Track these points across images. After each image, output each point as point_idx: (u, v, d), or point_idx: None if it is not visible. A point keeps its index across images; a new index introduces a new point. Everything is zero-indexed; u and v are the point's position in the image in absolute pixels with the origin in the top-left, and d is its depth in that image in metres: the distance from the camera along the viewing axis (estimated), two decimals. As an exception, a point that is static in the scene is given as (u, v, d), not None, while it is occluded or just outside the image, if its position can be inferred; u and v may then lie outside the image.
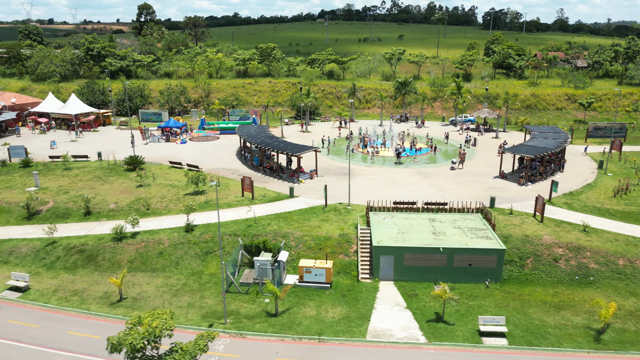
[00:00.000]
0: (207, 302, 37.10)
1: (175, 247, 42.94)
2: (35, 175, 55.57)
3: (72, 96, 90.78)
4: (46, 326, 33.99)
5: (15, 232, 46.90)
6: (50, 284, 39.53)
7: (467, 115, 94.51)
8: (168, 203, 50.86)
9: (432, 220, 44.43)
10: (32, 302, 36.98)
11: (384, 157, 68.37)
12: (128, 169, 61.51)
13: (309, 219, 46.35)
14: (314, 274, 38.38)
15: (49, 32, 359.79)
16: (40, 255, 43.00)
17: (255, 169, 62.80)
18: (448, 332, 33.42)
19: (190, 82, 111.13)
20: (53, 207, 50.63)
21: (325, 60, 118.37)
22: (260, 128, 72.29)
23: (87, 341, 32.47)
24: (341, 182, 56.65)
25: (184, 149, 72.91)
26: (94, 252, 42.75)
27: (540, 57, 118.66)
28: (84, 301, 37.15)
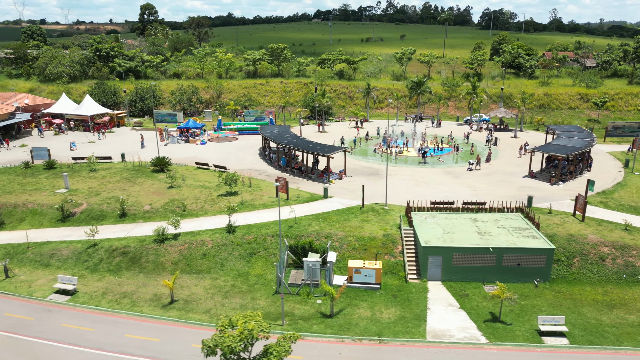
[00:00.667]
0: (259, 303, 36.89)
1: (218, 249, 42.68)
2: (65, 177, 55.11)
3: (87, 97, 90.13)
4: (102, 329, 33.64)
5: (51, 235, 46.46)
6: (97, 286, 39.16)
7: (482, 115, 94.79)
8: (203, 204, 50.56)
9: (474, 220, 44.43)
10: (83, 305, 36.63)
11: (406, 157, 68.32)
12: (155, 170, 61.10)
13: (348, 219, 46.22)
14: (363, 274, 38.27)
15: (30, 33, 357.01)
16: (82, 257, 42.60)
17: (282, 170, 62.58)
18: (507, 332, 33.40)
19: (201, 83, 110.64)
20: (87, 209, 50.20)
21: (336, 61, 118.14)
22: (283, 128, 72.08)
23: (145, 344, 32.18)
24: (370, 182, 56.63)
25: (205, 150, 72.55)
26: (137, 254, 42.39)
27: (550, 57, 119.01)
28: (135, 304, 36.81)
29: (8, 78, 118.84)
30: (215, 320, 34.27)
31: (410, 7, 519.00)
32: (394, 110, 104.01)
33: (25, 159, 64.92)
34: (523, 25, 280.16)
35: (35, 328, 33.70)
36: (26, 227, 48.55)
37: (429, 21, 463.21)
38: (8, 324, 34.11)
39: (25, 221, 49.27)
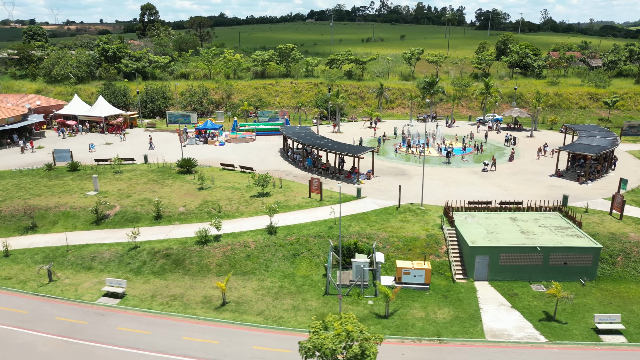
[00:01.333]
0: (311, 304, 36.82)
1: (262, 250, 42.54)
2: (95, 179, 54.67)
3: (100, 98, 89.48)
4: (158, 332, 33.42)
5: (88, 237, 46.06)
6: (144, 289, 38.88)
7: (494, 115, 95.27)
8: (238, 205, 50.37)
9: (514, 220, 44.65)
10: (134, 308, 36.37)
11: (426, 157, 68.44)
12: (180, 171, 60.79)
13: (387, 219, 46.26)
14: (412, 275, 38.32)
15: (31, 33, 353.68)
16: (124, 260, 42.28)
17: (308, 170, 62.48)
18: (564, 331, 33.59)
19: (210, 84, 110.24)
20: (120, 211, 49.83)
21: (345, 61, 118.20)
22: (305, 129, 72.01)
23: (205, 347, 32.02)
24: (399, 182, 56.66)
25: (226, 151, 72.25)
26: (180, 256, 42.16)
27: (556, 57, 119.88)
28: (187, 306, 36.60)
29: (12, 79, 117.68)
30: (270, 322, 34.32)
31: (403, 8, 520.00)
32: (406, 110, 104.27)
33: (44, 161, 64.37)
34: (520, 25, 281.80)
35: (90, 332, 33.40)
36: (60, 229, 48.10)
37: (423, 21, 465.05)
38: (61, 328, 33.78)
39: (59, 224, 48.80)
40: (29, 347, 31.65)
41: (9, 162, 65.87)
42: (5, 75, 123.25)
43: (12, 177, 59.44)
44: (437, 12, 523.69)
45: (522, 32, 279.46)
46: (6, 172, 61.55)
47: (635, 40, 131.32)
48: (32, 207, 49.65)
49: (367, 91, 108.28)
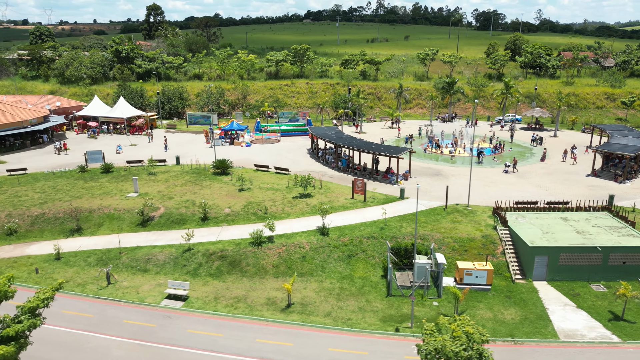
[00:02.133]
0: (376, 305, 36.76)
1: (316, 251, 42.44)
2: (135, 180, 54.39)
3: (121, 99, 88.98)
4: (231, 335, 33.26)
5: (137, 239, 45.75)
6: (205, 291, 38.68)
7: (513, 115, 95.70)
8: (283, 207, 50.22)
9: (566, 220, 44.81)
10: (200, 311, 36.17)
11: (457, 157, 68.63)
12: (216, 172, 60.57)
13: (438, 220, 46.29)
14: (474, 275, 38.35)
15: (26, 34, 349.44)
16: (179, 262, 42.04)
17: (343, 171, 62.40)
18: (635, 330, 33.74)
19: (225, 84, 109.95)
20: (165, 212, 49.56)
21: (360, 61, 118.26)
22: (333, 129, 72.01)
23: (281, 349, 31.90)
24: (436, 183, 57.01)
25: (254, 152, 72.03)
26: (236, 257, 41.98)
27: (570, 57, 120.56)
28: (252, 308, 36.45)
29: (24, 80, 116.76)
30: (340, 324, 34.26)
31: (400, 8, 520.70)
32: (423, 110, 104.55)
33: (72, 162, 64.16)
34: (520, 26, 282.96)
35: (162, 335, 33.17)
36: (106, 232, 47.77)
37: (421, 21, 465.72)
38: (132, 331, 33.52)
39: (104, 226, 48.47)
40: (103, 350, 31.39)
41: (38, 163, 65.45)
42: (16, 76, 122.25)
43: (47, 179, 58.98)
44: (434, 12, 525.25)
45: (523, 32, 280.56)
46: (39, 174, 61.07)
47: (631, 41, 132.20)
48: (76, 209, 49.08)
49: (383, 91, 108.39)
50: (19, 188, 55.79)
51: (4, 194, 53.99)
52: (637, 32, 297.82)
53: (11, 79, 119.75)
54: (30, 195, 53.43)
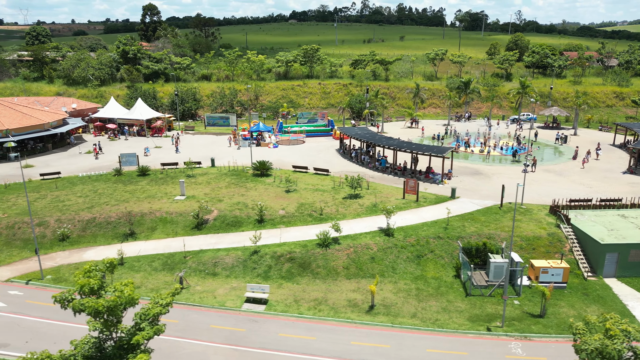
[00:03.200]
0: (459, 305, 36.74)
1: (384, 252, 42.28)
2: (182, 183, 53.56)
3: (139, 101, 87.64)
4: (324, 338, 32.99)
5: (198, 243, 45.02)
6: (282, 294, 38.25)
7: (529, 114, 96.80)
8: (337, 208, 49.95)
9: (624, 217, 45.39)
10: (285, 314, 35.76)
11: (490, 156, 69.09)
12: (255, 174, 60.03)
13: (498, 219, 46.50)
14: (550, 274, 38.60)
15: (3, 34, 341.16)
16: (248, 265, 41.50)
17: (382, 171, 62.32)
18: None
19: (239, 85, 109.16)
20: (219, 215, 48.90)
21: (370, 61, 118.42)
22: (363, 129, 71.93)
23: (378, 350, 31.75)
24: (480, 182, 57.39)
25: (284, 153, 71.50)
26: (305, 259, 41.59)
27: (575, 57, 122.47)
28: (336, 310, 36.15)
29: (26, 81, 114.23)
30: (429, 324, 34.11)
31: (385, 9, 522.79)
32: (437, 110, 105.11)
33: (101, 166, 63.04)
34: (510, 26, 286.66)
35: (254, 339, 32.69)
36: (160, 236, 46.96)
37: (407, 22, 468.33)
38: (223, 336, 32.98)
39: (158, 230, 47.63)
40: (201, 357, 30.81)
41: (68, 167, 64.29)
42: (18, 77, 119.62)
43: (84, 183, 57.80)
44: (418, 13, 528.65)
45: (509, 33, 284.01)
46: (74, 177, 59.87)
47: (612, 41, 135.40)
48: (129, 213, 48.14)
49: (397, 91, 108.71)
50: (58, 192, 54.54)
51: (45, 199, 52.72)
52: (617, 33, 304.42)
53: (13, 80, 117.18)
54: (74, 200, 52.23)
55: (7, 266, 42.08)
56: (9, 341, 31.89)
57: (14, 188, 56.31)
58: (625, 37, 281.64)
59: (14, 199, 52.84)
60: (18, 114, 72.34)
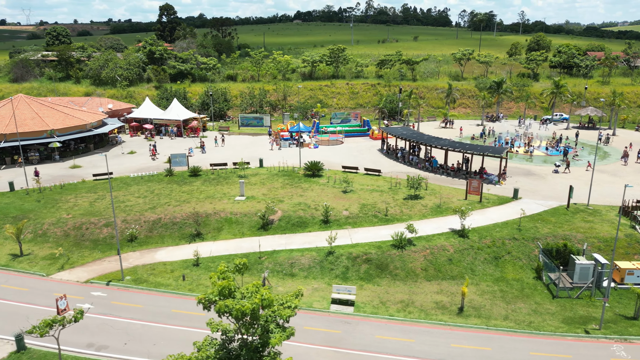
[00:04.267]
0: (549, 308, 36.48)
1: (461, 254, 42.00)
2: (242, 184, 53.27)
3: (175, 101, 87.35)
4: (422, 340, 32.75)
5: (268, 244, 44.64)
6: (365, 295, 37.99)
7: (561, 114, 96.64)
8: (400, 208, 49.69)
9: (697, 218, 45.08)
10: (376, 316, 35.50)
11: (536, 156, 68.85)
12: (307, 174, 59.78)
13: (569, 220, 46.26)
14: (636, 275, 38.29)
15: (7, 34, 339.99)
16: (325, 266, 41.20)
17: (433, 172, 62.02)
18: None
19: (268, 85, 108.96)
20: (284, 216, 48.61)
21: (397, 61, 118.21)
22: (408, 129, 71.73)
23: (480, 354, 31.47)
24: (536, 182, 57.30)
25: (327, 154, 71.09)
26: (382, 260, 41.29)
27: (602, 56, 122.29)
28: (427, 312, 35.88)
29: (51, 81, 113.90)
30: (524, 327, 33.82)
31: (389, 9, 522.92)
32: (467, 110, 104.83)
33: (146, 166, 62.84)
34: (521, 27, 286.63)
35: (352, 341, 32.42)
36: (227, 236, 46.67)
37: (413, 22, 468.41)
38: (320, 338, 32.71)
39: (224, 230, 47.33)
40: (304, 358, 30.48)
41: (116, 167, 63.80)
42: (43, 77, 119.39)
43: (138, 183, 57.54)
44: (423, 13, 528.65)
45: (523, 34, 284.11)
46: (126, 178, 59.60)
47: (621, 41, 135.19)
48: (197, 214, 47.86)
49: (426, 91, 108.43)
50: (116, 193, 54.23)
51: (104, 200, 52.44)
52: (624, 33, 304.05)
53: (39, 80, 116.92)
54: (134, 200, 51.94)
55: (82, 267, 41.72)
56: (107, 343, 31.58)
57: (69, 189, 56.04)
58: (634, 37, 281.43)
59: (73, 199, 52.54)
60: (61, 114, 72.07)
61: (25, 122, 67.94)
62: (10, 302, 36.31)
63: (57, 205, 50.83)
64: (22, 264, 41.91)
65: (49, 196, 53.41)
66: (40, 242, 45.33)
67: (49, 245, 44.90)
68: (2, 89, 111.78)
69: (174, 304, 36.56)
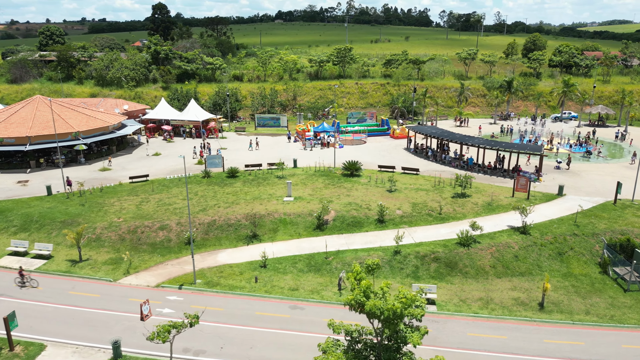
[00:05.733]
0: (624, 301, 37.20)
1: (526, 250, 42.50)
2: (289, 184, 52.95)
3: (192, 102, 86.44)
4: (514, 336, 33.04)
5: (330, 244, 44.39)
6: (442, 294, 38.12)
7: (570, 112, 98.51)
8: (453, 207, 50.02)
9: None
10: (460, 314, 35.69)
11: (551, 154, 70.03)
12: (344, 174, 59.78)
13: (622, 216, 47.28)
14: (701, 267, 39.23)
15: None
16: (394, 265, 41.25)
17: (469, 169, 62.54)
18: None
19: (279, 85, 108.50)
20: (338, 216, 48.49)
21: (403, 61, 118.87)
22: (434, 128, 72.20)
23: (575, 348, 31.91)
24: (573, 179, 58.37)
25: (355, 153, 70.88)
26: (450, 259, 41.51)
27: (601, 56, 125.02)
28: (509, 309, 36.24)
29: (52, 82, 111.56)
30: (607, 320, 34.44)
31: (370, 9, 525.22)
32: (476, 108, 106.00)
33: (176, 168, 62.19)
34: (505, 27, 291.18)
35: (446, 339, 32.57)
36: (284, 237, 46.37)
37: (395, 22, 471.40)
38: (413, 337, 32.57)
39: (280, 231, 47.00)
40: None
41: (144, 169, 63.17)
42: (42, 78, 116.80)
43: (177, 185, 56.82)
44: (404, 13, 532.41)
45: (510, 34, 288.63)
46: (164, 180, 58.73)
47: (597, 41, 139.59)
48: (253, 215, 47.42)
49: (435, 90, 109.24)
50: (159, 195, 53.51)
51: (149, 202, 51.64)
52: (599, 33, 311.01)
53: (38, 81, 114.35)
54: (181, 203, 51.22)
55: (146, 271, 40.96)
56: (203, 347, 31.07)
57: (109, 192, 54.98)
58: (610, 37, 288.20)
59: (118, 202, 51.54)
60: (83, 116, 70.64)
61: (48, 124, 66.34)
62: (85, 309, 35.45)
63: (103, 209, 49.75)
64: (84, 270, 40.92)
65: (91, 200, 52.25)
66: (95, 246, 44.33)
67: (105, 250, 43.93)
68: (1, 90, 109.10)
69: (256, 306, 36.15)
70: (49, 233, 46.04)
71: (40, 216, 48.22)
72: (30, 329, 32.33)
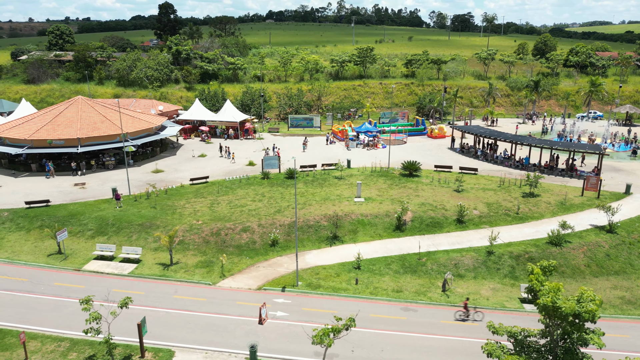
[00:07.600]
0: None
1: (616, 249, 42.79)
2: (359, 185, 52.69)
3: (227, 103, 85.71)
4: (638, 335, 33.03)
5: (415, 245, 44.22)
6: (548, 294, 38.02)
7: (595, 112, 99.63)
8: (527, 207, 50.15)
9: None
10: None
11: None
12: (403, 174, 59.69)
13: (696, 214, 47.62)
14: None
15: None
16: (489, 265, 41.22)
17: (525, 169, 62.74)
18: None
19: (304, 85, 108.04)
20: (415, 217, 48.36)
21: (425, 61, 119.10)
22: (484, 128, 72.40)
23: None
24: (629, 178, 58.96)
25: (400, 153, 70.55)
26: (543, 258, 41.28)
27: (616, 56, 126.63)
28: (620, 309, 36.43)
29: (70, 82, 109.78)
30: None
31: (361, 9, 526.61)
32: (500, 109, 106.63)
33: (228, 170, 61.90)
34: (502, 28, 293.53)
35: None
36: (365, 238, 46.13)
37: (387, 22, 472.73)
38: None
39: (359, 232, 46.72)
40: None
41: (198, 170, 62.57)
42: (60, 78, 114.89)
43: (240, 187, 56.29)
44: (394, 13, 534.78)
45: (505, 35, 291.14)
46: (224, 181, 58.08)
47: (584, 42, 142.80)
48: (335, 216, 47.03)
49: (460, 90, 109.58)
50: (228, 197, 52.95)
51: (220, 204, 51.03)
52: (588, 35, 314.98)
53: (57, 82, 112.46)
54: (253, 205, 50.71)
55: (241, 274, 40.39)
56: (333, 350, 30.62)
57: (174, 194, 54.19)
58: (600, 37, 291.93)
59: (189, 205, 50.81)
60: (128, 117, 69.59)
61: (96, 126, 65.24)
62: (198, 313, 34.79)
63: (177, 212, 48.98)
64: (178, 274, 40.21)
65: (159, 202, 51.43)
66: (180, 250, 43.59)
67: (192, 253, 43.24)
68: (19, 91, 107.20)
69: (366, 308, 35.79)
70: (129, 236, 45.16)
71: (115, 219, 47.29)
72: (151, 335, 31.57)
